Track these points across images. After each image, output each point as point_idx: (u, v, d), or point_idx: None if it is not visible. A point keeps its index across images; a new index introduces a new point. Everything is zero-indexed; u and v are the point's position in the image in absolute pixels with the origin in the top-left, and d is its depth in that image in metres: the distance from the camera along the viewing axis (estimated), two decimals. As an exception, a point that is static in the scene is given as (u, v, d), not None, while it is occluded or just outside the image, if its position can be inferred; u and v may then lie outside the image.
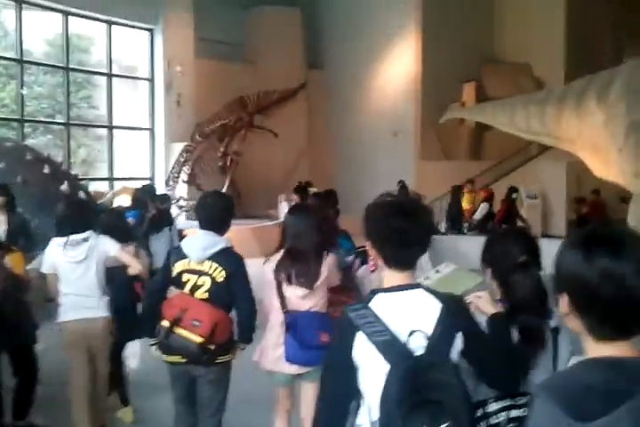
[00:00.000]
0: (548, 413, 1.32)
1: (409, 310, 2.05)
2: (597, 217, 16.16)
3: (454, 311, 2.06)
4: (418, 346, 1.98)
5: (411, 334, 1.98)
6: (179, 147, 15.71)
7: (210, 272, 3.64)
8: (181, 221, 9.95)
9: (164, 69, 16.10)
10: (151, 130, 16.35)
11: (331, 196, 6.07)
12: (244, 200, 15.58)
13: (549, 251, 1.52)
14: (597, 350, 1.41)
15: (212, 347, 3.55)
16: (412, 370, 1.90)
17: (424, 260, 3.75)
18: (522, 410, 2.17)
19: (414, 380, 1.88)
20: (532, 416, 1.38)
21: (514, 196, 13.90)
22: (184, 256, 3.69)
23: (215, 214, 3.78)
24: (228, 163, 15.77)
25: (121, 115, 16.03)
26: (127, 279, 4.69)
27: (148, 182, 13.90)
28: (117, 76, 16.09)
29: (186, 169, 15.51)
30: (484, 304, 2.31)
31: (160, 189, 14.46)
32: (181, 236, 7.54)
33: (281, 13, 18.85)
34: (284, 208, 9.24)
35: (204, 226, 3.76)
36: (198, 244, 3.70)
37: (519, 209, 15.72)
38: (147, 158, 16.44)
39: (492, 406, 2.21)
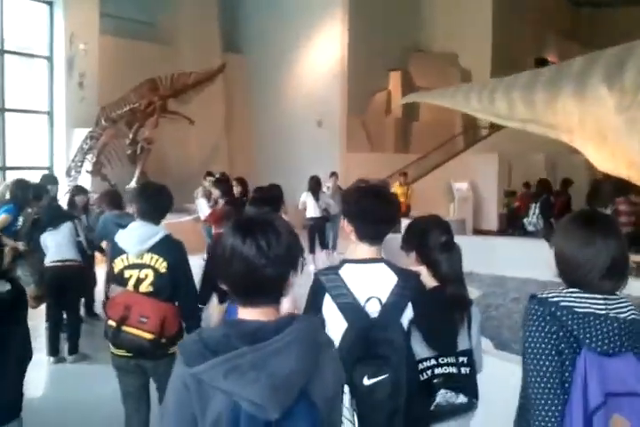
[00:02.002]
0: (178, 364, 1.60)
1: (370, 280, 2.47)
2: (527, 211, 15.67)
3: (407, 285, 2.47)
4: (373, 310, 2.39)
5: (368, 299, 2.40)
6: (81, 133, 14.08)
7: (151, 264, 3.58)
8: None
9: (65, 47, 14.41)
10: (50, 113, 14.63)
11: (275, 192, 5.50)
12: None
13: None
14: (241, 314, 1.68)
15: (164, 341, 3.51)
16: (364, 329, 2.33)
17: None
18: (444, 368, 2.56)
19: (365, 337, 2.31)
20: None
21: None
22: (121, 251, 3.64)
23: (156, 205, 3.76)
24: (138, 151, 14.27)
25: (15, 96, 14.21)
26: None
27: (46, 172, 12.35)
28: (10, 52, 14.29)
29: (90, 158, 13.92)
30: (425, 278, 2.67)
31: (61, 179, 13.00)
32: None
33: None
34: (202, 204, 8.06)
35: (142, 216, 3.71)
36: (135, 236, 3.64)
37: (449, 204, 15.05)
38: (45, 145, 14.72)
39: (422, 366, 2.53)
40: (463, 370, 2.60)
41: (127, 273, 3.60)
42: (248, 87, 18.58)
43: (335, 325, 2.38)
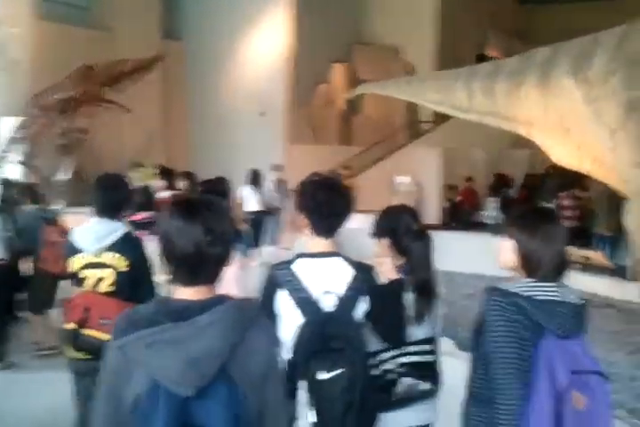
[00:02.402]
0: (111, 339, 1.66)
1: (325, 274, 2.49)
2: (470, 205, 15.78)
3: (363, 278, 2.53)
4: (329, 304, 2.43)
5: (324, 293, 2.43)
6: (10, 121, 13.41)
7: (111, 263, 3.42)
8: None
9: (-7, 30, 13.70)
10: (-24, 101, 13.90)
11: (222, 185, 5.09)
12: (89, 185, 13.63)
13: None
14: (176, 293, 1.71)
15: None
16: (320, 323, 2.36)
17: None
18: (408, 357, 2.66)
19: (322, 331, 2.33)
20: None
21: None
22: (77, 250, 3.45)
23: (115, 199, 3.55)
24: (72, 141, 13.70)
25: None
26: None
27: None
28: None
29: (20, 148, 13.28)
30: (388, 270, 2.73)
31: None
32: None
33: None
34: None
35: (100, 212, 3.51)
36: (92, 234, 3.45)
37: (392, 198, 14.96)
38: (-30, 134, 13.98)
39: (386, 355, 2.65)
40: (428, 358, 2.70)
41: (85, 273, 3.44)
42: (187, 76, 18.08)
43: (291, 319, 2.41)
